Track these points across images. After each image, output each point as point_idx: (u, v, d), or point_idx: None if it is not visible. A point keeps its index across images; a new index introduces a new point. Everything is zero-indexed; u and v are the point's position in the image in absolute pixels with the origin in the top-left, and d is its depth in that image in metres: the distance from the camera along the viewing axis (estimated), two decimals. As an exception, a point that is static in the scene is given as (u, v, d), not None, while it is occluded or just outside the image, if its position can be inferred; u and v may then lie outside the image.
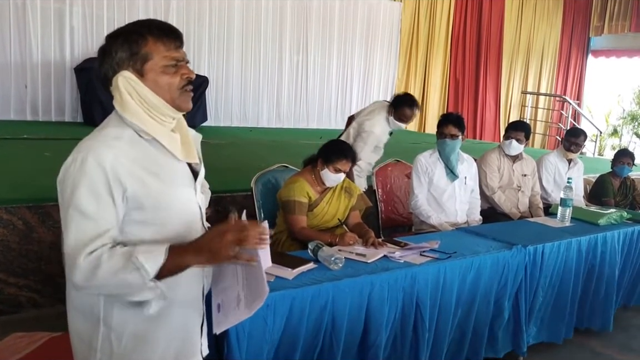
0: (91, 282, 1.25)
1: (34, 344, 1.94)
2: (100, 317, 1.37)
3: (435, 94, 11.07)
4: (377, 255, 2.49)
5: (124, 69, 1.35)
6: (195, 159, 1.47)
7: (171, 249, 1.28)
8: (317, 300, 2.11)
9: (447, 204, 3.60)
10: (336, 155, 2.88)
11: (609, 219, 3.54)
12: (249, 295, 1.41)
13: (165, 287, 1.29)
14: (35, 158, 4.62)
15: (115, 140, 1.31)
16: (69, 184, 1.27)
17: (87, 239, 1.25)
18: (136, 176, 1.31)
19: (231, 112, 8.74)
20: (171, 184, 1.37)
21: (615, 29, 12.04)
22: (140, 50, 1.34)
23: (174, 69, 1.37)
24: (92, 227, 1.26)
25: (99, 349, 1.38)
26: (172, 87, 1.37)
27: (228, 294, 1.48)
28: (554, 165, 4.46)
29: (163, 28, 1.38)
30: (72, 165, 1.28)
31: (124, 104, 1.34)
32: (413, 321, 2.45)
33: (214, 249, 1.29)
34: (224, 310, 1.47)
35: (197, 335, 1.53)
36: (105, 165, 1.26)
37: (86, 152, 1.27)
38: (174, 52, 1.37)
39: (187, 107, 1.41)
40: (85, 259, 1.23)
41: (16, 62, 6.82)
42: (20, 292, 3.14)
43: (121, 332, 1.38)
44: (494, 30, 11.42)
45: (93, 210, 1.26)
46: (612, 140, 13.08)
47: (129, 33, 1.35)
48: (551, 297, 3.12)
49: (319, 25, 9.43)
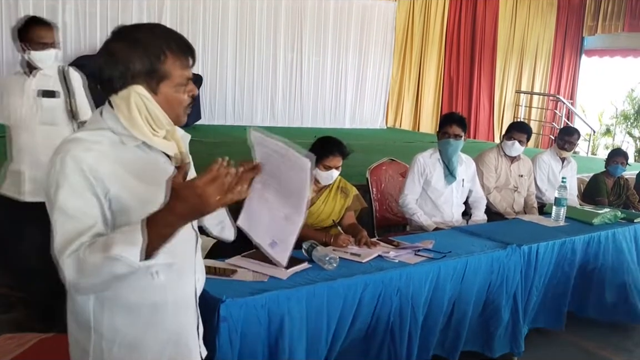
0: (81, 280, 1.21)
1: (23, 346, 1.91)
2: (91, 324, 1.35)
3: (429, 93, 11.08)
4: (371, 255, 2.48)
5: (138, 83, 1.30)
6: (186, 161, 1.44)
7: (150, 222, 1.18)
8: (312, 300, 2.10)
9: (443, 206, 3.59)
10: (323, 153, 2.84)
11: (603, 218, 3.55)
12: (294, 201, 1.37)
13: (164, 253, 1.22)
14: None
15: (95, 143, 1.28)
16: (52, 187, 1.25)
17: (70, 238, 1.22)
18: (119, 178, 1.27)
19: (225, 110, 8.70)
20: (157, 187, 1.31)
21: (609, 28, 12.07)
22: (159, 67, 1.30)
23: (184, 87, 1.35)
24: (74, 225, 1.23)
25: (91, 354, 1.36)
26: (181, 105, 1.36)
27: (275, 226, 1.43)
28: (547, 165, 4.46)
29: (181, 45, 1.34)
30: (53, 169, 1.25)
31: (132, 121, 1.31)
32: (408, 321, 2.43)
33: (198, 209, 1.18)
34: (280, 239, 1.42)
35: (192, 338, 1.49)
36: (83, 166, 1.23)
37: (64, 153, 1.25)
38: (188, 71, 1.35)
39: (184, 121, 1.40)
40: (68, 257, 1.20)
41: (8, 60, 6.76)
42: (11, 293, 3.10)
43: (112, 340, 1.35)
44: (488, 30, 11.43)
45: (74, 208, 1.23)
46: (606, 139, 13.12)
47: (148, 46, 1.30)
48: (545, 296, 3.12)
49: (314, 24, 9.41)
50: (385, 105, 10.56)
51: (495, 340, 2.88)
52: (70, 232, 1.22)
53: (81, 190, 1.24)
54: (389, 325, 2.39)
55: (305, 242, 2.40)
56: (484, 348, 2.88)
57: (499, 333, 2.88)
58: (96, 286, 1.26)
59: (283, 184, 1.40)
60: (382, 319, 2.35)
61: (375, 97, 10.38)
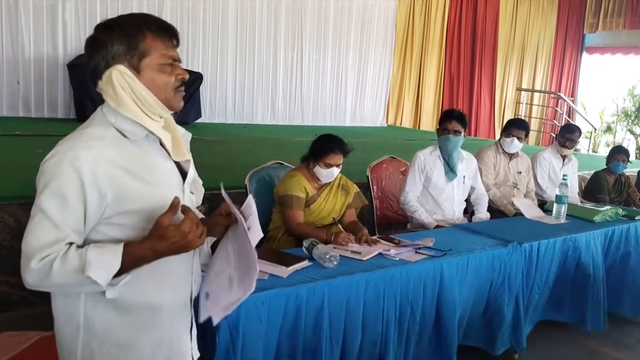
0: (42, 285, 1.22)
1: (25, 343, 1.92)
2: (81, 322, 1.32)
3: (430, 91, 11.08)
4: (372, 253, 2.48)
5: (119, 62, 1.29)
6: (186, 157, 1.43)
7: (127, 251, 1.22)
8: (312, 298, 2.09)
9: (444, 203, 3.58)
10: (323, 150, 2.84)
11: (604, 215, 3.54)
12: (242, 272, 1.36)
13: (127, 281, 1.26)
14: (27, 155, 4.57)
15: (97, 140, 1.26)
16: (41, 181, 1.23)
17: (44, 244, 1.20)
18: (117, 180, 1.25)
19: (225, 108, 8.70)
20: (157, 186, 1.32)
21: (610, 26, 12.06)
22: (138, 45, 1.29)
23: (170, 68, 1.33)
24: (51, 232, 1.21)
25: (79, 355, 1.34)
26: (167, 86, 1.33)
27: (219, 280, 1.42)
28: (548, 162, 4.46)
29: (161, 25, 1.34)
30: (48, 162, 1.23)
31: (118, 99, 1.29)
32: (408, 319, 2.43)
33: (179, 248, 1.26)
34: (214, 295, 1.41)
35: (185, 341, 1.48)
36: (81, 170, 1.21)
37: (63, 153, 1.22)
38: (171, 51, 1.34)
39: (179, 106, 1.38)
40: (37, 263, 1.19)
41: (8, 58, 6.77)
42: (11, 291, 3.10)
43: (103, 339, 1.33)
44: (489, 27, 11.42)
45: (56, 215, 1.21)
46: (606, 137, 13.11)
47: (126, 26, 1.30)
48: (546, 294, 3.11)
49: (314, 22, 9.41)
50: (386, 103, 10.55)
51: (497, 338, 2.87)
52: (44, 237, 1.21)
53: (68, 197, 1.21)
54: (390, 323, 2.38)
55: (306, 240, 2.39)
56: (487, 345, 2.88)
57: (502, 331, 2.87)
58: (53, 290, 1.29)
59: (241, 249, 1.40)
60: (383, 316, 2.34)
61: (375, 96, 10.37)
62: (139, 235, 1.29)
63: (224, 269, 1.42)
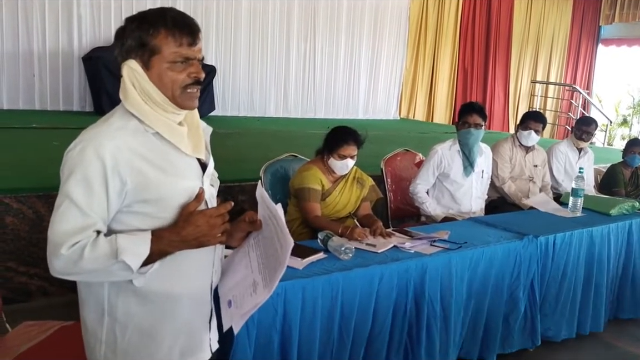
0: (71, 272, 1.25)
1: (45, 333, 1.94)
2: (105, 308, 1.35)
3: (443, 84, 11.00)
4: (387, 246, 2.48)
5: (131, 57, 1.32)
6: (202, 154, 1.43)
7: (155, 237, 1.28)
8: (328, 290, 2.10)
9: (462, 199, 3.55)
10: (337, 142, 2.85)
11: (621, 209, 3.51)
12: (268, 272, 1.38)
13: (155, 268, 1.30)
14: (44, 147, 4.63)
15: (119, 130, 1.29)
16: (66, 170, 1.26)
17: (73, 230, 1.22)
18: (137, 169, 1.27)
19: (239, 101, 8.72)
20: (176, 177, 1.33)
21: (626, 17, 11.88)
22: (150, 41, 1.30)
23: (181, 66, 1.32)
24: (80, 218, 1.23)
25: (104, 340, 1.37)
26: (175, 84, 1.32)
27: (241, 287, 1.45)
28: (564, 155, 4.42)
29: (178, 21, 1.32)
30: (72, 152, 1.26)
31: (126, 93, 1.32)
32: (425, 312, 2.43)
33: (202, 238, 1.32)
34: (237, 303, 1.44)
35: (205, 331, 1.50)
36: (104, 156, 1.23)
37: (87, 141, 1.25)
38: (185, 49, 1.32)
39: (190, 105, 1.37)
40: (68, 249, 1.21)
41: (24, 52, 6.83)
42: (30, 281, 3.15)
43: (125, 325, 1.36)
44: (504, 19, 11.31)
45: (83, 201, 1.23)
46: (622, 130, 12.95)
47: (143, 20, 1.32)
48: (562, 288, 3.09)
49: (327, 15, 9.37)
50: (399, 96, 10.51)
51: (514, 334, 2.86)
52: (73, 224, 1.23)
53: (93, 184, 1.24)
54: (406, 316, 2.39)
55: (321, 233, 2.40)
56: (504, 344, 2.87)
57: (517, 326, 2.86)
58: (79, 277, 1.30)
59: (268, 251, 1.42)
60: (398, 309, 2.35)
61: (388, 88, 10.33)
62: (159, 224, 1.31)
63: (246, 276, 1.46)
